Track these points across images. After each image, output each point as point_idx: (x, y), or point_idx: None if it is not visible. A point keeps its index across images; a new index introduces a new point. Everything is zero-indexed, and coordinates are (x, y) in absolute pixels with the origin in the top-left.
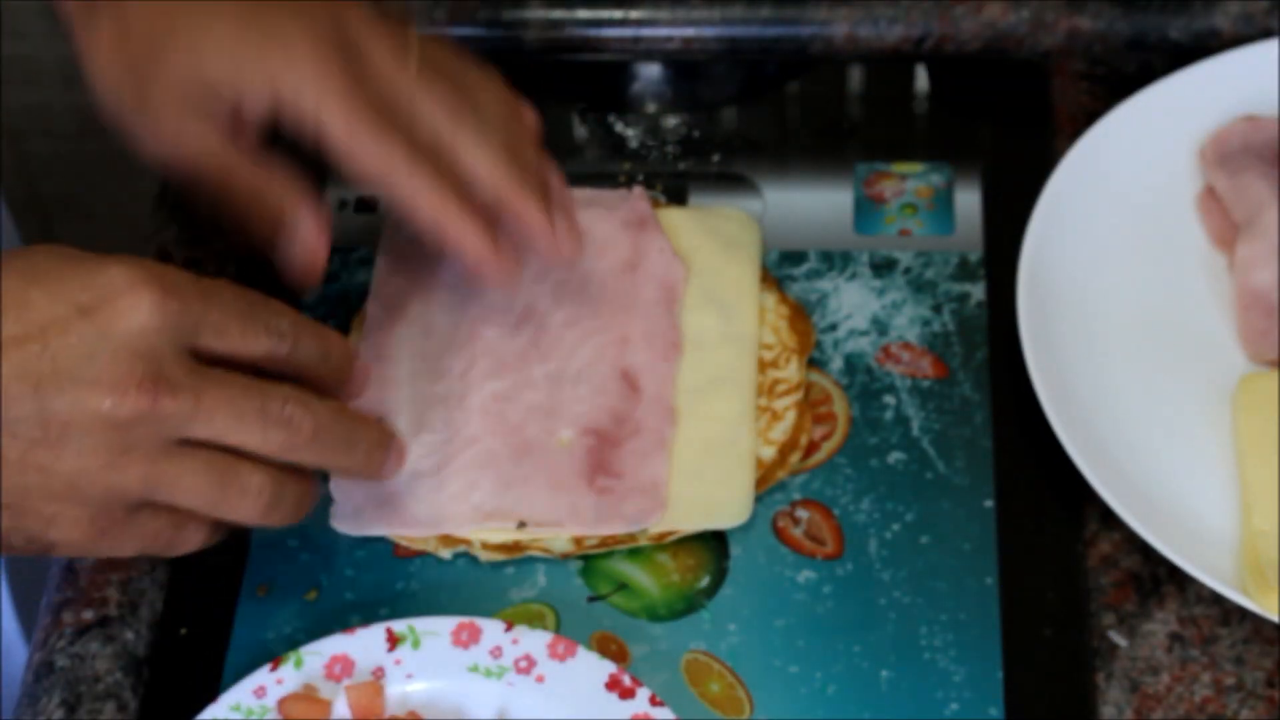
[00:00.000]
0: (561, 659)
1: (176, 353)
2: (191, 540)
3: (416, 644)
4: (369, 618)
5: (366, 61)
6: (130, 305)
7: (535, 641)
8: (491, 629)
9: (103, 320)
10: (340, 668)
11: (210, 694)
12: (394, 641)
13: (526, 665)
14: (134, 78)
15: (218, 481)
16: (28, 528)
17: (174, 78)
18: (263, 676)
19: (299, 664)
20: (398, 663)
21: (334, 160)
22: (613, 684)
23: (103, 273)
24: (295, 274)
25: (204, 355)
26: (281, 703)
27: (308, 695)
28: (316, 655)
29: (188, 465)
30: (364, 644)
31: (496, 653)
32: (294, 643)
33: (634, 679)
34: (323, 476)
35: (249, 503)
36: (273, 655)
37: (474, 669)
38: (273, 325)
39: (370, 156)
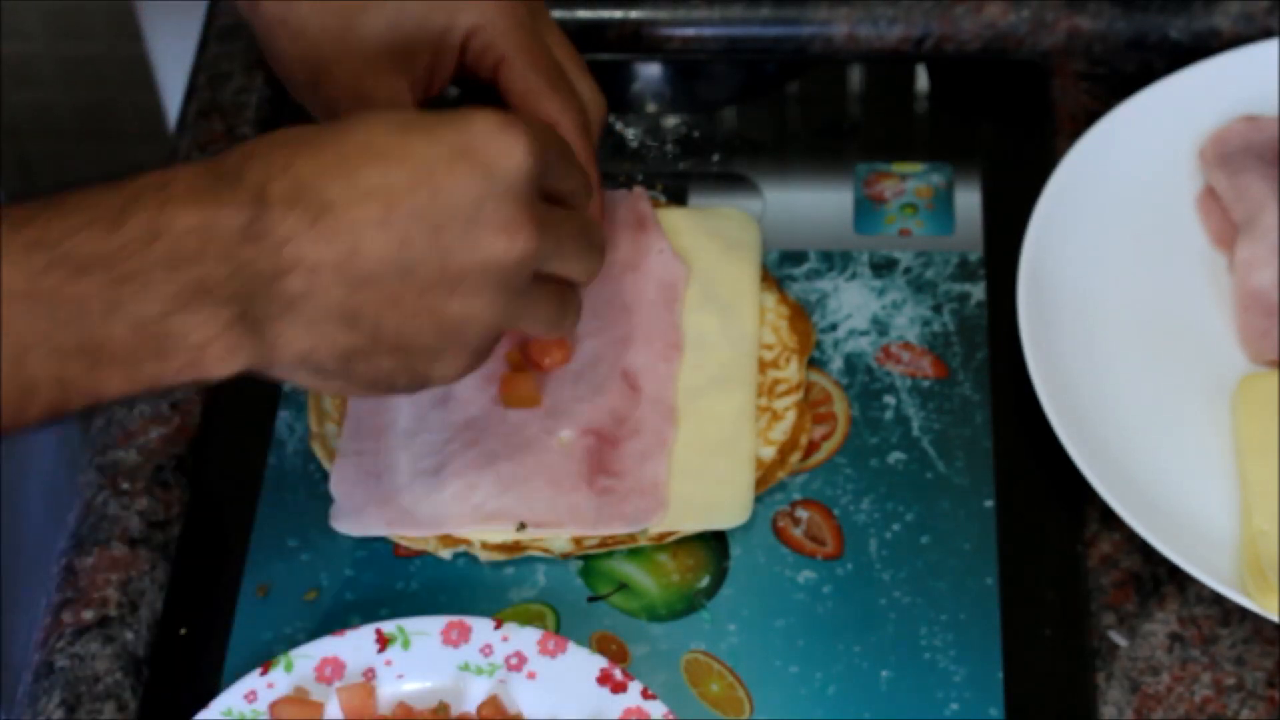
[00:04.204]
0: (552, 655)
1: (539, 192)
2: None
3: (406, 644)
4: (369, 618)
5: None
6: (507, 147)
7: (525, 638)
8: (481, 627)
9: (483, 162)
10: (331, 670)
11: (210, 694)
12: (384, 642)
13: (518, 662)
14: (337, 24)
15: (559, 309)
16: (414, 367)
17: (380, 19)
18: (253, 681)
19: (289, 667)
20: (388, 663)
21: (509, 96)
22: (604, 678)
23: (471, 118)
24: None
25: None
26: (273, 706)
27: (299, 698)
28: (306, 658)
29: (540, 296)
30: (354, 645)
31: (487, 651)
32: (294, 643)
33: (625, 673)
34: (322, 476)
35: (571, 321)
36: (273, 655)
37: (465, 667)
38: (579, 166)
39: (547, 101)
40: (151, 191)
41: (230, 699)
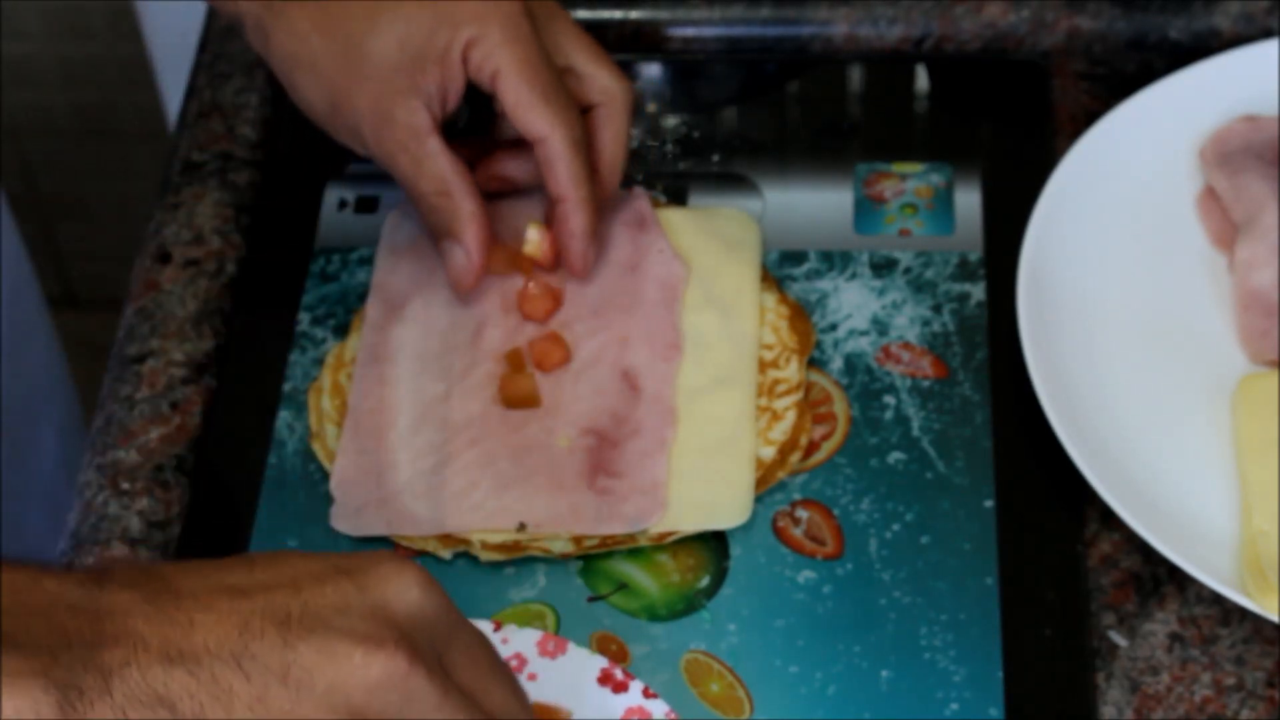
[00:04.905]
0: (552, 656)
1: (429, 646)
2: None
3: None
4: None
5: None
6: (394, 578)
7: (525, 640)
8: (480, 629)
9: (363, 581)
10: None
11: None
12: None
13: (518, 664)
14: (346, 54)
15: None
16: None
17: (387, 43)
18: None
19: None
20: None
21: (504, 107)
22: (605, 678)
23: (374, 554)
24: (450, 278)
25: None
26: None
27: None
28: None
29: None
30: None
31: None
32: None
33: (626, 672)
34: (322, 476)
35: None
36: None
37: None
38: (517, 688)
39: (537, 116)
40: None
41: None
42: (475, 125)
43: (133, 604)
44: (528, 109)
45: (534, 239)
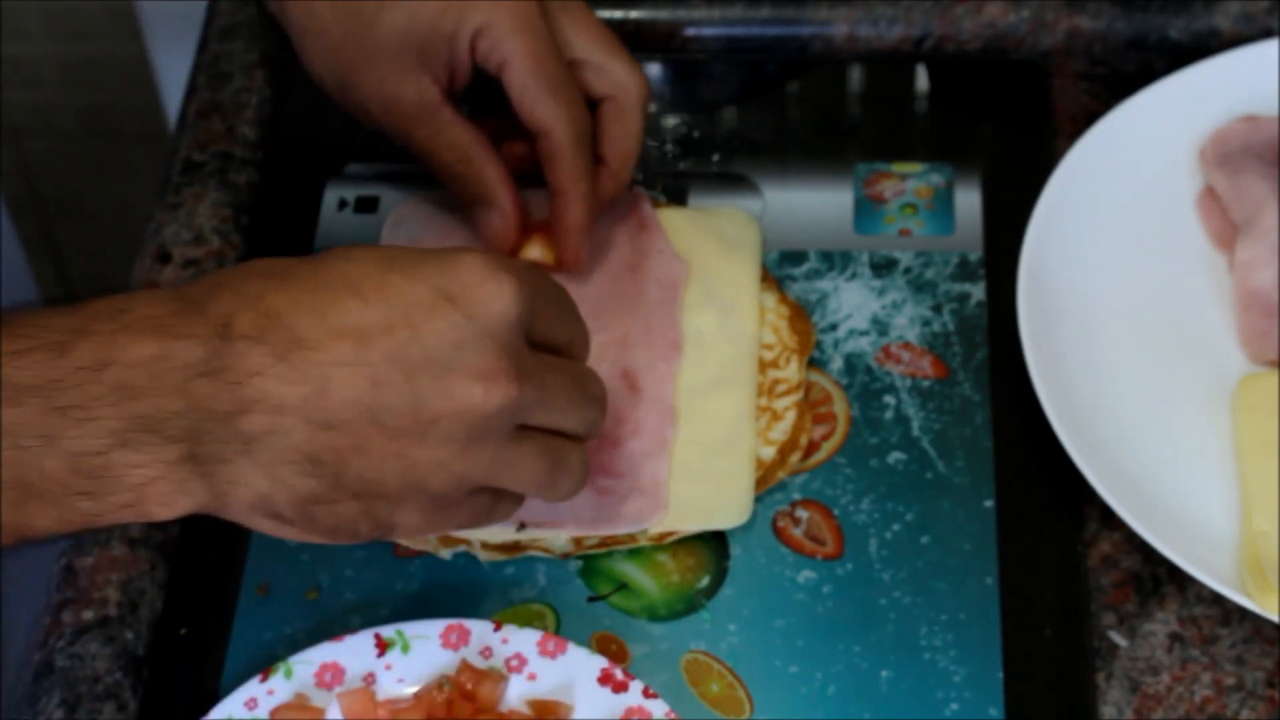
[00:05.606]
0: (552, 656)
1: (524, 339)
2: (505, 512)
3: (406, 648)
4: (369, 618)
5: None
6: (493, 292)
7: (525, 640)
8: (480, 629)
9: (467, 306)
10: (331, 675)
11: (210, 694)
12: (383, 647)
13: (518, 664)
14: (356, 30)
15: (551, 465)
16: (376, 514)
17: (396, 21)
18: (253, 688)
19: (289, 674)
20: (388, 668)
21: (509, 98)
22: (605, 678)
23: (458, 259)
24: (488, 242)
25: (530, 337)
26: (274, 713)
27: (300, 704)
28: (306, 664)
29: (526, 450)
30: (353, 650)
31: (486, 653)
32: (294, 643)
33: (626, 672)
34: None
35: (569, 480)
36: (273, 655)
37: None
38: (575, 314)
39: (542, 108)
40: (106, 317)
41: (230, 707)
42: (492, 108)
43: (264, 363)
44: (533, 101)
45: (535, 254)
